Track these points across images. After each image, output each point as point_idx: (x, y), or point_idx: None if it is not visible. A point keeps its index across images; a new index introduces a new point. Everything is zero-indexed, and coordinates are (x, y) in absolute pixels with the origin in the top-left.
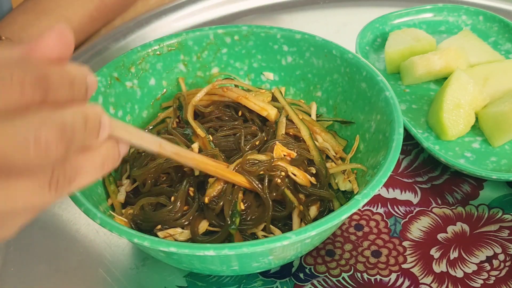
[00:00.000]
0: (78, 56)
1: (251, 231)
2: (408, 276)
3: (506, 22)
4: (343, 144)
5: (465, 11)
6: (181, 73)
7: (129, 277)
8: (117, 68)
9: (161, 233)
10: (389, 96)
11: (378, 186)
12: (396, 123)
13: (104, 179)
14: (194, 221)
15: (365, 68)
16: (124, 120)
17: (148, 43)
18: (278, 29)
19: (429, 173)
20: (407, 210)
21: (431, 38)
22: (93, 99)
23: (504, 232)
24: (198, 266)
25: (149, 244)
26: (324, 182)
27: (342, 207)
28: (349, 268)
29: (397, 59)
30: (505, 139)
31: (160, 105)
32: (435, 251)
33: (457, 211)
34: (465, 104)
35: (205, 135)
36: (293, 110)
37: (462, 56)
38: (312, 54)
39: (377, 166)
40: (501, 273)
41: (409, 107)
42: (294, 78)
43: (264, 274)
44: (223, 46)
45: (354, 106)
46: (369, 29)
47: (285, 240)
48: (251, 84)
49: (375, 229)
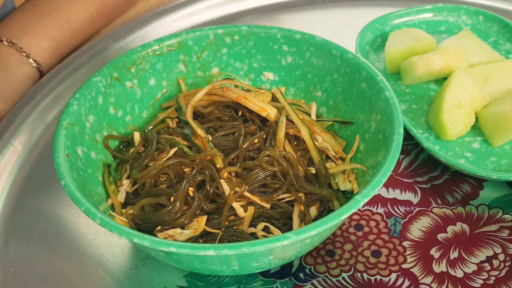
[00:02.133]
0: (78, 56)
1: (251, 231)
2: (408, 276)
3: (506, 22)
4: (343, 144)
5: (465, 11)
6: (181, 73)
7: (129, 277)
8: (117, 68)
9: (161, 234)
10: (389, 96)
11: (378, 186)
12: (396, 123)
13: (104, 179)
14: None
15: (365, 68)
16: (124, 120)
17: (148, 43)
18: (278, 29)
19: (429, 173)
20: (407, 210)
21: (431, 38)
22: (93, 99)
23: (504, 232)
24: (198, 266)
25: (149, 244)
26: (324, 182)
27: (342, 207)
28: (349, 268)
29: (397, 59)
30: (505, 139)
31: (160, 105)
32: (435, 251)
33: (457, 211)
34: (465, 104)
35: (204, 135)
36: (293, 110)
37: (462, 56)
38: (312, 54)
39: (377, 166)
40: (501, 273)
41: (409, 107)
42: (294, 78)
43: (264, 274)
44: (223, 46)
45: (354, 106)
46: (369, 29)
47: (285, 240)
48: (251, 84)
49: (375, 229)
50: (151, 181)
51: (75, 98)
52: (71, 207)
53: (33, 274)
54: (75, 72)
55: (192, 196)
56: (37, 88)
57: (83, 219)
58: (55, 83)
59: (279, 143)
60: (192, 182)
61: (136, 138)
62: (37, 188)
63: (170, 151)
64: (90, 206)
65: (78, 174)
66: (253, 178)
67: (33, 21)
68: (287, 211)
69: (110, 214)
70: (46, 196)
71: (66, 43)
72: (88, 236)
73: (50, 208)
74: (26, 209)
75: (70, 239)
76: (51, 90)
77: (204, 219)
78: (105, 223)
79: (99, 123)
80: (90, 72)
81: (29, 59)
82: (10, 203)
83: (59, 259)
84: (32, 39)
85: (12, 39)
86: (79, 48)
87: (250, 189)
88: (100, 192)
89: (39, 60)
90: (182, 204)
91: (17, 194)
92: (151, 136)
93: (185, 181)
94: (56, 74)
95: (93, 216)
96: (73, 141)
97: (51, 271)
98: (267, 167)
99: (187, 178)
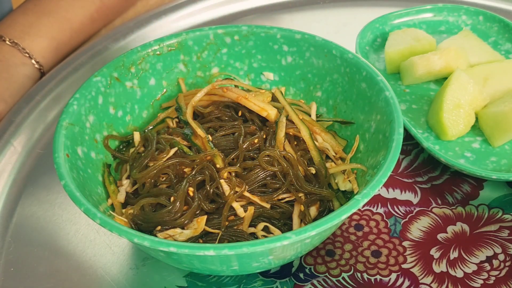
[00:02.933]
0: (78, 56)
1: (251, 231)
2: (408, 276)
3: (506, 22)
4: (343, 144)
5: (465, 11)
6: (181, 73)
7: (129, 277)
8: (117, 68)
9: (161, 234)
10: (389, 96)
11: (378, 186)
12: (396, 123)
13: (104, 179)
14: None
15: (365, 68)
16: (124, 120)
17: (148, 43)
18: (278, 29)
19: (429, 173)
20: (407, 210)
21: (431, 38)
22: (93, 99)
23: (504, 232)
24: (198, 266)
25: (149, 244)
26: (324, 182)
27: (342, 207)
28: (349, 268)
29: (397, 59)
30: (505, 139)
31: (160, 105)
32: (435, 251)
33: (457, 211)
34: (465, 104)
35: (204, 135)
36: (293, 110)
37: (462, 56)
38: (312, 54)
39: (377, 166)
40: (501, 273)
41: (409, 107)
42: (294, 78)
43: (264, 274)
44: (223, 46)
45: (354, 106)
46: (369, 29)
47: (285, 240)
48: (251, 84)
49: (375, 229)
50: (151, 181)
51: (75, 98)
52: (71, 207)
53: (33, 274)
54: (75, 72)
55: (192, 196)
56: (37, 88)
57: (83, 219)
58: (55, 83)
59: (279, 143)
60: (192, 182)
61: (136, 138)
62: (37, 188)
63: (170, 151)
64: (90, 206)
65: (78, 174)
66: (253, 178)
67: (34, 21)
68: (287, 211)
69: (110, 214)
70: (46, 196)
71: (67, 43)
72: (88, 236)
73: (50, 208)
74: (26, 209)
75: (70, 239)
76: (51, 90)
77: (204, 219)
78: (105, 223)
79: (99, 123)
80: (90, 72)
81: (31, 59)
82: (10, 203)
83: (59, 259)
84: (34, 39)
85: (14, 39)
86: (79, 48)
87: (250, 189)
88: (100, 192)
89: (40, 61)
90: (182, 204)
91: (17, 194)
92: (151, 136)
93: (185, 181)
94: (56, 74)
95: (93, 216)
96: (73, 141)
97: (51, 271)
98: (267, 167)
99: (187, 178)
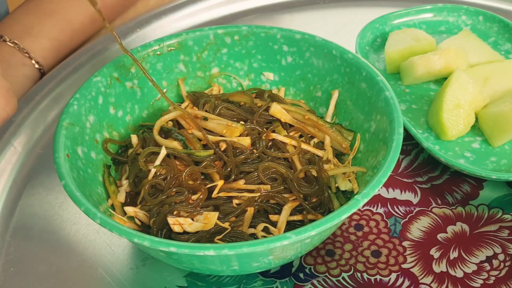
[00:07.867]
0: (78, 56)
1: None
2: (408, 276)
3: (506, 22)
4: (350, 136)
5: (465, 11)
6: (181, 73)
7: (129, 277)
8: (117, 68)
9: (171, 219)
10: (389, 96)
11: (378, 186)
12: (396, 123)
13: (104, 180)
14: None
15: (365, 68)
16: (124, 120)
17: (148, 43)
18: (278, 29)
19: (429, 173)
20: (407, 210)
21: (431, 38)
22: (93, 99)
23: (504, 232)
24: (198, 266)
25: (149, 244)
26: (323, 183)
27: (342, 207)
28: (349, 268)
29: (397, 59)
30: (505, 139)
31: (160, 105)
32: (435, 251)
33: (457, 211)
34: (465, 104)
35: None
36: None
37: (462, 56)
38: (312, 54)
39: (377, 166)
40: (501, 273)
41: (409, 107)
42: (294, 78)
43: (264, 274)
44: (223, 46)
45: (354, 106)
46: (369, 29)
47: (285, 240)
48: (251, 84)
49: (375, 229)
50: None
51: (75, 98)
52: (71, 207)
53: (33, 274)
54: (75, 72)
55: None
56: (37, 88)
57: (83, 219)
58: (55, 83)
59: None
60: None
61: (134, 141)
62: (37, 188)
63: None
64: (90, 206)
65: (78, 174)
66: (253, 180)
67: (36, 21)
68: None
69: (111, 214)
70: (46, 196)
71: (67, 43)
72: (88, 236)
73: (50, 208)
74: (26, 209)
75: (70, 239)
76: (51, 90)
77: (215, 215)
78: (105, 223)
79: (99, 123)
80: (90, 72)
81: (32, 60)
82: (10, 203)
83: (59, 259)
84: (35, 40)
85: (15, 39)
86: (79, 48)
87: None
88: (100, 192)
89: (40, 62)
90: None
91: (17, 194)
92: (148, 137)
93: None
94: (56, 74)
95: (93, 216)
96: (73, 141)
97: (51, 271)
98: (265, 181)
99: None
